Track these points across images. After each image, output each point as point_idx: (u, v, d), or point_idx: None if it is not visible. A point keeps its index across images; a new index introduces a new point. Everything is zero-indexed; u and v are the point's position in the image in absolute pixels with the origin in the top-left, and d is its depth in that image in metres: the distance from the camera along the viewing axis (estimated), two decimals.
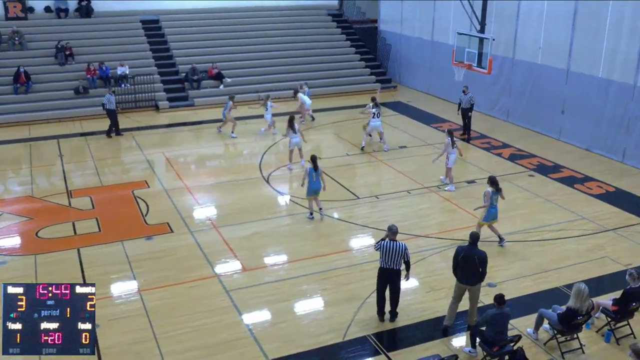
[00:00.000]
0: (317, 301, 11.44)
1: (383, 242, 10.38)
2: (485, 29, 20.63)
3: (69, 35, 26.56)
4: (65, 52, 25.37)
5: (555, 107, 21.00)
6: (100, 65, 24.83)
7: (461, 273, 10.13)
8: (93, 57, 25.68)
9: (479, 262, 9.98)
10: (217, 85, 26.35)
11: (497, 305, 9.35)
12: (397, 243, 10.30)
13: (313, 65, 28.60)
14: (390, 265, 10.35)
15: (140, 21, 28.68)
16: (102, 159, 19.40)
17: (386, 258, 10.33)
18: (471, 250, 10.08)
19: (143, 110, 24.89)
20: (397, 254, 10.26)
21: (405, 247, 10.32)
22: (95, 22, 27.97)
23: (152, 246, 13.49)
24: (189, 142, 21.62)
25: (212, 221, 14.79)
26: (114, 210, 15.47)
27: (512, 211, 15.20)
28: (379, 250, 10.43)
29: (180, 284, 11.94)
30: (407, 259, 10.39)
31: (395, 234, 10.40)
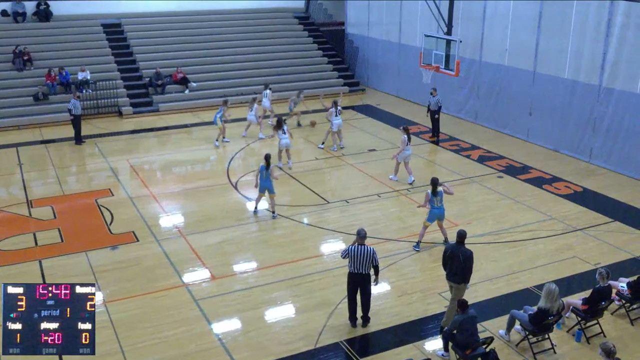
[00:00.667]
0: (288, 308, 11.41)
1: (351, 247, 10.39)
2: (452, 31, 20.86)
3: (27, 39, 26.08)
4: (24, 58, 24.89)
5: (523, 108, 21.36)
6: (60, 70, 24.42)
7: (449, 270, 10.46)
8: (53, 62, 25.29)
9: (464, 260, 10.20)
10: (182, 90, 26.15)
11: (462, 312, 9.49)
12: (366, 247, 10.34)
13: (280, 68, 28.62)
14: (359, 270, 10.36)
15: (102, 25, 28.31)
16: (64, 167, 19.08)
17: (355, 263, 10.34)
18: (457, 248, 10.34)
19: (106, 116, 24.57)
20: (366, 259, 10.29)
21: (373, 252, 10.36)
22: (55, 26, 27.54)
23: (117, 256, 13.30)
24: (154, 148, 21.41)
25: (179, 229, 14.65)
26: (77, 219, 15.22)
27: (482, 212, 15.40)
28: (346, 258, 10.46)
29: (147, 294, 11.78)
30: (376, 263, 10.42)
31: (363, 238, 10.42)
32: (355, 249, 10.34)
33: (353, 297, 10.64)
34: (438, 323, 10.79)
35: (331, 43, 31.50)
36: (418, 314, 11.15)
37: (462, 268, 10.25)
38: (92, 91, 24.50)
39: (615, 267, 12.37)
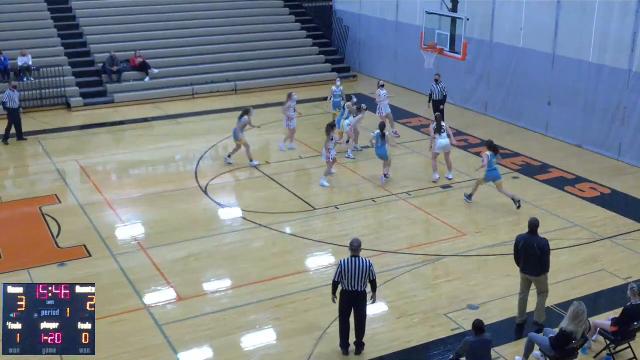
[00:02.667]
0: (269, 334, 11.40)
1: (343, 261, 10.30)
2: (459, 8, 20.99)
3: None
4: None
5: (541, 97, 21.51)
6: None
7: (523, 263, 11.04)
8: None
9: (540, 250, 10.83)
10: (142, 78, 26.12)
11: (476, 334, 9.53)
12: (360, 260, 10.26)
13: (257, 52, 28.66)
14: (354, 287, 10.27)
15: (46, 1, 28.18)
16: (1, 170, 18.97)
17: (349, 279, 10.24)
18: (530, 238, 10.94)
19: (51, 108, 24.48)
20: (362, 273, 10.20)
21: (370, 264, 10.30)
22: None
23: (66, 274, 13.21)
24: (108, 146, 21.33)
25: (138, 242, 14.60)
26: (18, 231, 15.15)
27: (495, 220, 15.48)
28: (340, 274, 10.29)
29: (102, 318, 11.66)
30: (374, 278, 10.36)
31: (357, 250, 10.35)
32: (349, 262, 10.25)
33: (346, 319, 10.61)
34: (444, 348, 10.82)
35: (317, 22, 31.56)
36: (420, 338, 11.17)
37: (538, 259, 10.90)
38: (35, 79, 24.39)
39: None
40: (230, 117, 21.61)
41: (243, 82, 27.07)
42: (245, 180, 17.89)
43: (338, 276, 10.27)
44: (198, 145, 20.61)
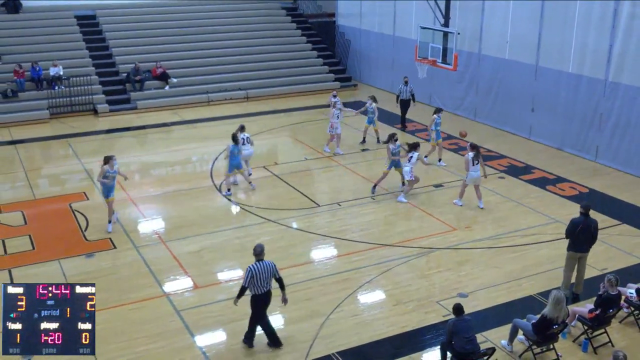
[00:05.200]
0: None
1: (252, 267, 9.95)
2: (450, 23, 20.96)
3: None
4: None
5: (525, 104, 21.47)
6: (33, 65, 24.29)
7: (577, 243, 11.63)
8: (22, 56, 25.15)
9: (594, 229, 11.69)
10: (162, 86, 26.10)
11: (456, 315, 9.63)
12: (266, 262, 10.06)
13: (266, 63, 28.61)
14: (266, 288, 10.09)
15: (75, 17, 28.22)
16: (35, 169, 18.99)
17: (260, 281, 9.98)
18: (587, 220, 11.62)
19: (80, 114, 24.47)
20: (269, 274, 10.03)
21: (274, 265, 10.13)
22: (25, 17, 27.42)
23: (93, 264, 13.24)
24: (132, 148, 21.33)
25: (159, 235, 14.60)
26: (49, 225, 15.15)
27: (482, 216, 15.44)
28: (250, 280, 9.94)
29: (126, 305, 11.73)
30: (279, 276, 10.20)
31: (259, 254, 10.10)
32: (257, 267, 9.97)
33: (263, 319, 10.40)
34: (436, 332, 10.80)
35: (321, 36, 31.54)
36: (414, 324, 11.16)
37: (592, 238, 11.69)
38: (65, 87, 24.39)
39: (623, 272, 12.41)
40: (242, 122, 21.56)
41: (254, 90, 27.04)
42: (256, 179, 17.86)
43: (248, 281, 9.95)
44: (212, 148, 20.58)
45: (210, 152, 20.16)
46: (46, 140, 21.64)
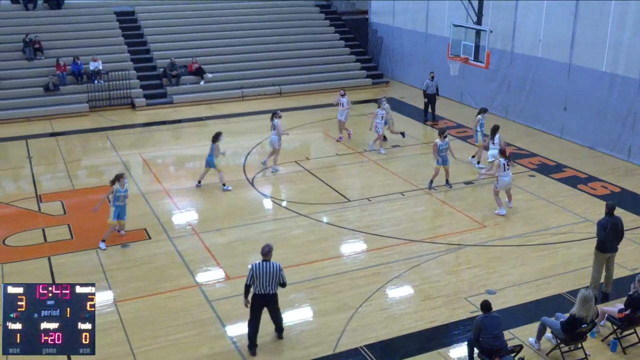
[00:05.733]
0: (306, 311, 11.42)
1: (254, 265, 9.79)
2: (483, 21, 20.75)
3: (37, 28, 26.43)
4: (34, 46, 25.20)
5: (557, 103, 21.14)
6: (75, 60, 24.68)
7: (608, 243, 11.42)
8: (64, 51, 25.58)
9: (621, 226, 11.50)
10: (197, 81, 26.29)
11: (484, 311, 9.56)
12: (271, 264, 9.79)
13: (300, 59, 28.63)
14: (265, 290, 9.79)
15: (115, 13, 28.55)
16: (74, 161, 19.30)
17: (261, 282, 9.73)
18: (614, 219, 11.44)
19: (118, 108, 24.78)
20: (272, 276, 9.74)
21: (280, 268, 9.82)
22: (66, 13, 27.84)
23: (129, 254, 13.42)
24: (167, 142, 21.54)
25: (192, 227, 14.73)
26: (88, 215, 15.34)
27: (512, 214, 15.26)
28: (252, 277, 9.77)
29: (159, 294, 11.87)
30: (283, 281, 9.90)
31: (267, 254, 9.86)
32: (260, 266, 9.74)
33: (255, 322, 10.08)
34: (464, 329, 10.72)
35: (354, 33, 31.44)
36: (442, 319, 11.09)
37: (620, 235, 11.49)
38: (104, 82, 24.74)
39: None
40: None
41: (287, 85, 27.09)
42: (287, 174, 17.92)
43: (250, 279, 9.79)
44: (246, 142, 20.69)
45: (243, 147, 20.26)
46: (85, 133, 21.98)
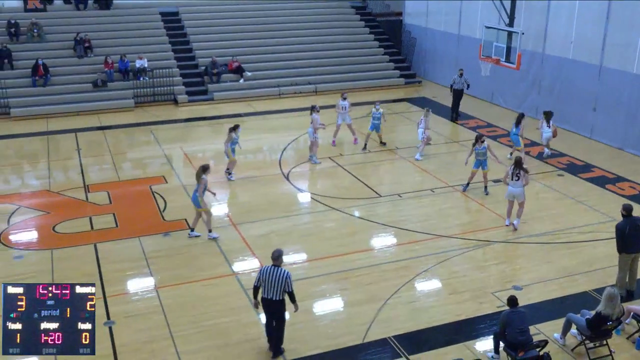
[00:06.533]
0: (336, 301, 11.45)
1: (263, 268, 9.47)
2: (515, 23, 20.45)
3: (87, 27, 26.91)
4: (84, 45, 25.68)
5: (587, 104, 20.74)
6: (122, 58, 25.07)
7: (629, 245, 11.09)
8: (112, 49, 25.98)
9: None
10: (237, 79, 26.46)
11: (511, 306, 9.47)
12: (279, 270, 9.34)
13: (335, 59, 28.58)
14: (269, 295, 9.36)
15: (160, 13, 28.91)
16: (120, 154, 19.61)
17: (266, 286, 9.35)
18: (633, 221, 11.11)
19: (161, 103, 25.10)
20: (277, 283, 9.28)
21: (287, 276, 9.31)
22: (115, 14, 28.28)
23: (170, 243, 13.60)
24: (207, 137, 21.75)
25: (230, 218, 14.86)
26: (131, 205, 15.63)
27: (539, 212, 15.04)
28: (259, 280, 9.43)
29: (198, 281, 12.02)
30: (290, 290, 9.37)
31: (277, 259, 9.44)
32: (267, 270, 9.35)
33: (268, 323, 9.84)
34: (490, 322, 10.63)
35: (388, 34, 31.26)
36: (469, 313, 11.01)
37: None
38: (149, 79, 25.07)
39: None
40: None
41: (322, 84, 27.08)
42: (321, 169, 17.95)
43: (257, 281, 9.46)
44: (282, 138, 20.77)
45: (280, 142, 20.34)
46: (130, 127, 22.34)
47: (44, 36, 26.04)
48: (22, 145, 20.46)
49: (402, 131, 21.85)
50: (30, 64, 24.37)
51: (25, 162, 19.08)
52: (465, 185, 16.20)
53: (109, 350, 9.95)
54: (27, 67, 24.42)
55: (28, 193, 16.45)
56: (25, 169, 18.56)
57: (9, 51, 24.46)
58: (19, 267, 12.56)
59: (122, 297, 11.49)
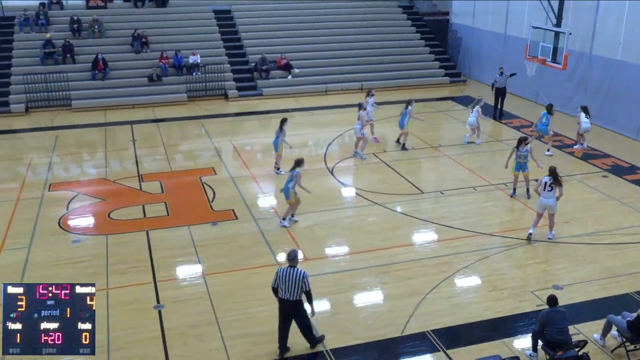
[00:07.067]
0: (377, 294, 11.41)
1: (280, 269, 9.34)
2: (562, 23, 19.92)
3: (144, 24, 27.44)
4: (141, 40, 26.20)
5: (634, 105, 20.06)
6: (176, 53, 25.48)
7: None
8: (167, 45, 26.44)
9: None
10: (285, 76, 26.58)
11: (550, 305, 9.27)
12: (295, 270, 9.21)
13: (381, 57, 28.40)
14: (287, 296, 9.22)
15: (213, 11, 29.24)
16: (172, 145, 19.94)
17: (283, 287, 9.22)
18: None
19: (213, 98, 25.41)
20: (295, 283, 9.13)
21: (304, 275, 9.16)
22: (170, 11, 28.74)
23: (217, 232, 13.78)
24: (256, 131, 21.93)
25: (275, 210, 14.95)
26: (182, 195, 15.87)
27: (583, 212, 14.66)
28: (276, 281, 9.32)
29: (243, 270, 12.15)
30: (307, 289, 9.20)
31: (292, 260, 9.32)
32: (284, 271, 9.22)
33: (282, 324, 9.57)
34: (529, 321, 10.43)
35: (434, 33, 30.89)
36: (508, 310, 10.82)
37: None
38: (201, 74, 25.40)
39: None
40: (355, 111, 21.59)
41: (368, 82, 26.94)
42: (365, 165, 17.88)
43: (274, 282, 9.35)
44: (328, 134, 20.77)
45: (325, 138, 20.35)
46: (183, 120, 22.70)
47: (104, 32, 26.67)
48: (82, 136, 21.03)
49: (446, 129, 21.59)
50: (90, 58, 25.02)
51: (84, 151, 19.60)
52: (512, 192, 15.65)
53: (158, 333, 10.16)
54: (87, 61, 25.07)
55: (86, 181, 16.90)
56: (84, 158, 19.06)
57: (71, 46, 25.18)
58: (77, 250, 12.93)
59: (171, 282, 11.71)
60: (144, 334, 10.13)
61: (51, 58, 24.81)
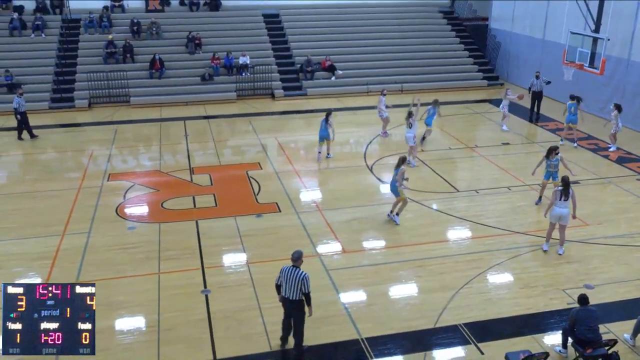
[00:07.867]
0: (411, 287, 11.33)
1: (284, 267, 9.13)
2: (600, 29, 19.33)
3: (199, 26, 27.80)
4: (195, 42, 26.58)
5: None
6: (227, 54, 25.77)
7: None
8: (218, 47, 26.73)
9: None
10: (329, 77, 26.57)
11: (581, 304, 9.06)
12: (297, 271, 8.98)
13: (422, 60, 28.12)
14: (287, 295, 9.04)
15: (262, 15, 29.44)
16: (222, 141, 20.17)
17: (284, 286, 9.07)
18: None
19: (260, 97, 25.60)
20: (295, 283, 8.93)
21: (304, 277, 8.91)
22: (222, 15, 29.06)
23: (262, 223, 13.90)
24: (300, 129, 22.00)
25: (316, 204, 14.99)
26: (230, 188, 16.05)
27: (616, 214, 14.24)
28: (279, 278, 9.18)
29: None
30: (306, 291, 8.95)
31: (296, 260, 9.07)
32: (287, 270, 9.04)
33: (285, 319, 9.46)
34: (559, 318, 10.20)
35: (474, 38, 30.40)
36: (539, 307, 10.61)
37: None
38: (250, 74, 25.62)
39: None
40: (395, 112, 21.49)
41: (408, 84, 26.74)
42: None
43: (278, 279, 9.20)
44: (368, 133, 20.70)
45: (366, 136, 20.29)
46: (232, 118, 22.94)
47: (161, 34, 27.16)
48: (139, 130, 21.48)
49: (482, 130, 21.25)
50: (148, 58, 25.52)
51: (140, 145, 20.02)
52: (538, 200, 15.03)
53: (204, 315, 10.34)
54: (145, 61, 25.59)
55: (142, 172, 17.27)
56: (141, 151, 19.48)
57: (131, 47, 25.73)
58: (131, 237, 13.24)
59: (217, 269, 11.88)
60: (192, 316, 10.32)
61: (112, 58, 25.44)
